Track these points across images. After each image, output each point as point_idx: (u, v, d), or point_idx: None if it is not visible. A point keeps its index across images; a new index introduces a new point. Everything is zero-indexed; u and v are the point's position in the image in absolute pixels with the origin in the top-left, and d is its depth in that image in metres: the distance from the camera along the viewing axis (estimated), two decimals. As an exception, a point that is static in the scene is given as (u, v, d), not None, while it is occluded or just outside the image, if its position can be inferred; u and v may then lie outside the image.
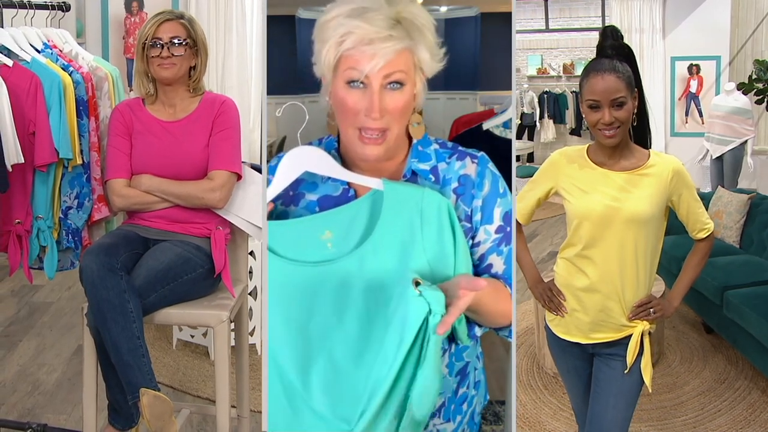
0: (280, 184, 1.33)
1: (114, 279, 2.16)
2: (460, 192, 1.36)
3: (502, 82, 1.98)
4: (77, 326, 4.08)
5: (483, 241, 1.36)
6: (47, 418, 3.15)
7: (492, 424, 2.30)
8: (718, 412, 3.33)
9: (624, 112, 1.93)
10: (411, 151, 1.37)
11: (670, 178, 1.99)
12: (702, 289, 3.96)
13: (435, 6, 2.28)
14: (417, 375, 1.22)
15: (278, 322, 1.29)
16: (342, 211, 1.32)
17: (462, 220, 1.34)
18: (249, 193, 2.48)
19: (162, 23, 2.39)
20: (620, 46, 2.00)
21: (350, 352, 1.27)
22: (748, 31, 7.74)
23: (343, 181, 1.36)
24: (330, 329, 1.28)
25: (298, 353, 1.29)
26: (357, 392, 1.27)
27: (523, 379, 3.69)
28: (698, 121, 8.51)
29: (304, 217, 1.32)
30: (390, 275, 1.26)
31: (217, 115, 2.45)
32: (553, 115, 10.48)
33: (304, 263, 1.29)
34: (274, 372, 1.32)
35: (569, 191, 2.05)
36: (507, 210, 1.36)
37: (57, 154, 2.50)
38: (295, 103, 1.96)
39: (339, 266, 1.28)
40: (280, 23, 2.18)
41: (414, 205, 1.29)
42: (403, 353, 1.21)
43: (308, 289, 1.28)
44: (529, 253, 2.27)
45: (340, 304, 1.28)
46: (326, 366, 1.29)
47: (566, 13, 10.52)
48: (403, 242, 1.28)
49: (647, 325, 2.04)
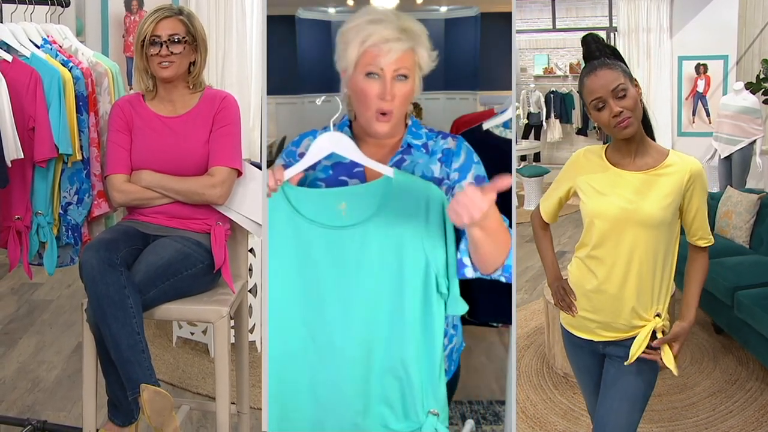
0: (311, 159, 1.66)
1: (114, 274, 2.14)
2: (443, 160, 1.74)
3: (502, 82, 2.05)
4: (77, 324, 4.08)
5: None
6: (47, 414, 3.14)
7: (492, 424, 2.28)
8: (729, 413, 3.30)
9: (629, 100, 1.90)
10: (406, 132, 1.77)
11: (687, 179, 1.95)
12: (712, 290, 3.93)
13: (435, 6, 2.29)
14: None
15: (287, 275, 1.62)
16: (357, 189, 1.65)
17: (445, 179, 1.72)
18: (249, 190, 2.46)
19: (161, 20, 2.36)
20: (605, 46, 2.01)
21: (356, 301, 1.61)
22: (756, 30, 7.70)
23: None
24: (338, 280, 1.61)
25: (308, 301, 1.62)
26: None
27: (533, 379, 3.66)
28: (705, 120, 8.47)
29: (326, 189, 1.66)
30: (397, 241, 1.61)
31: (218, 111, 2.42)
32: (560, 114, 10.44)
33: (322, 225, 1.61)
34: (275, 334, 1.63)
35: (585, 191, 2.04)
36: (479, 174, 1.73)
37: (57, 150, 2.48)
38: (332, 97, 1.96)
39: (353, 231, 1.61)
40: (280, 23, 2.16)
41: (422, 194, 1.63)
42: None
43: (321, 247, 1.61)
44: (553, 252, 2.26)
45: (348, 262, 1.61)
46: (334, 312, 1.61)
47: (573, 12, 10.49)
48: (409, 218, 1.61)
49: (659, 322, 2.01)
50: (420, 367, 1.63)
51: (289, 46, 2.24)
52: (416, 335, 1.62)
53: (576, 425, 3.18)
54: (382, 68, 1.62)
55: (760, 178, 7.11)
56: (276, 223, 1.62)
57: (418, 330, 1.62)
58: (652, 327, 2.00)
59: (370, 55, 1.62)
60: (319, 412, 1.64)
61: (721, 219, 4.67)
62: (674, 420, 3.23)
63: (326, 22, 2.20)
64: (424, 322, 1.62)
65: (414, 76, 1.67)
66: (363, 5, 1.79)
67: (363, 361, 1.62)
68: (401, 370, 1.62)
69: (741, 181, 6.22)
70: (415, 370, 1.62)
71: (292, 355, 1.63)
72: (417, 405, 1.64)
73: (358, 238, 1.60)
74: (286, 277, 1.62)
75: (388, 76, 1.63)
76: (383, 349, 1.62)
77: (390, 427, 1.64)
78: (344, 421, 1.63)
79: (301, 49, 2.26)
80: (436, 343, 1.64)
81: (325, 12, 2.22)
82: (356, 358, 1.62)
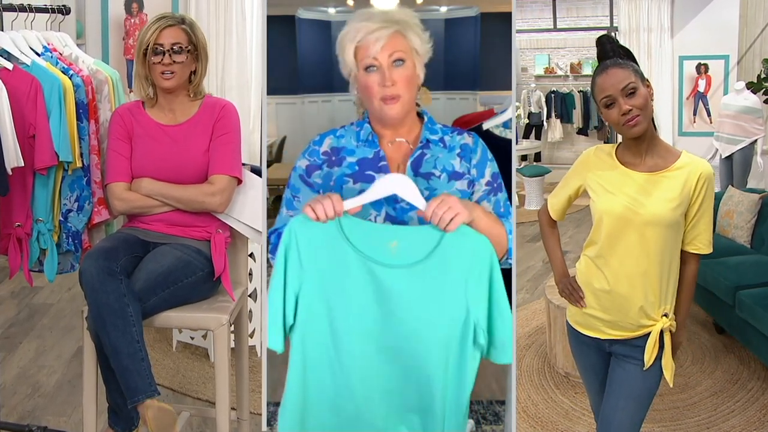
0: (372, 196, 1.64)
1: (113, 283, 2.14)
2: (462, 155, 1.79)
3: (502, 82, 2.05)
4: (77, 328, 4.07)
5: (477, 191, 1.79)
6: (47, 420, 3.14)
7: (492, 424, 2.28)
8: (731, 413, 3.30)
9: (639, 99, 1.91)
10: (423, 128, 1.80)
11: (696, 180, 1.95)
12: (714, 289, 3.92)
13: (435, 6, 2.29)
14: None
15: (321, 299, 1.59)
16: (411, 230, 1.63)
17: (466, 174, 1.77)
18: (249, 198, 2.47)
19: (164, 29, 2.37)
20: (619, 47, 2.03)
21: (386, 341, 1.60)
22: (757, 30, 7.68)
23: (376, 144, 1.77)
24: (374, 316, 1.59)
25: (336, 330, 1.60)
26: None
27: (535, 379, 3.66)
28: (706, 120, 8.46)
29: (380, 225, 1.69)
30: (440, 289, 1.60)
31: (218, 119, 2.43)
32: (561, 114, 10.42)
33: (369, 258, 1.59)
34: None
35: (595, 190, 2.05)
36: (494, 171, 1.80)
37: (57, 158, 2.49)
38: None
39: (400, 271, 1.59)
40: (280, 23, 2.16)
41: (470, 246, 1.61)
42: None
43: (364, 279, 1.59)
44: (560, 250, 2.27)
45: (388, 301, 1.59)
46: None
47: (574, 12, 10.46)
48: (455, 269, 1.60)
49: (667, 322, 2.01)
50: (447, 407, 1.64)
51: (289, 46, 2.25)
52: (450, 377, 1.62)
53: (577, 425, 3.18)
54: (376, 58, 1.68)
55: (761, 177, 7.11)
56: (321, 247, 1.59)
57: (452, 373, 1.62)
58: (660, 327, 2.00)
59: (363, 48, 1.70)
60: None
61: (722, 219, 4.66)
62: (676, 420, 3.23)
63: (326, 22, 2.21)
64: (459, 365, 1.62)
65: (411, 60, 1.72)
66: (363, 5, 1.83)
67: (392, 395, 1.62)
68: (427, 406, 1.63)
69: (742, 180, 6.22)
70: (440, 408, 1.63)
71: (319, 392, 1.62)
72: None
73: (404, 278, 1.59)
74: (318, 304, 1.60)
75: (385, 64, 1.69)
76: (415, 385, 1.62)
77: None
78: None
79: (301, 49, 2.27)
80: (464, 389, 1.64)
81: (325, 12, 2.22)
82: (384, 395, 1.62)
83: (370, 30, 1.70)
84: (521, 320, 4.45)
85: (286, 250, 1.58)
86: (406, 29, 1.72)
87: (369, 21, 1.71)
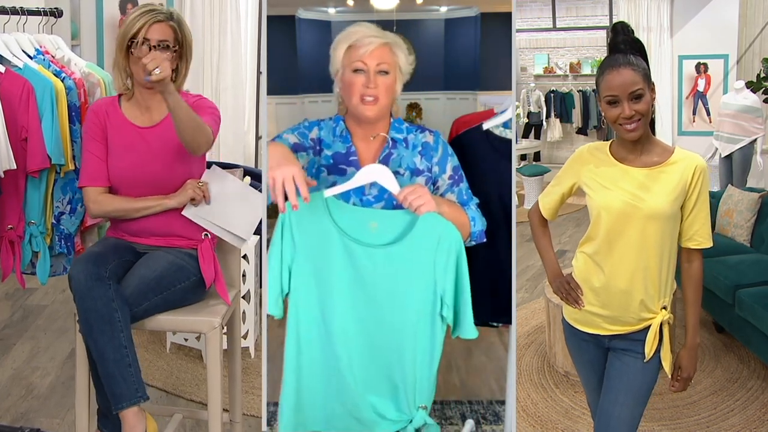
0: (354, 184, 1.83)
1: (101, 288, 2.11)
2: (423, 153, 1.96)
3: (502, 82, 2.08)
4: (71, 329, 4.05)
5: (441, 185, 1.98)
6: (41, 422, 3.13)
7: (492, 424, 2.27)
8: (731, 411, 3.29)
9: (643, 105, 1.91)
10: (390, 127, 1.97)
11: (691, 175, 1.95)
12: (713, 288, 3.91)
13: (435, 6, 2.30)
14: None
15: (309, 274, 1.80)
16: (389, 213, 1.85)
17: (425, 171, 1.96)
18: (238, 208, 2.37)
19: (153, 24, 2.26)
20: (632, 40, 1.99)
21: (368, 308, 1.81)
22: (756, 29, 7.68)
23: (348, 140, 1.94)
24: (355, 289, 1.80)
25: (323, 299, 1.81)
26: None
27: (534, 378, 3.65)
28: (706, 119, 8.45)
29: (361, 208, 1.87)
30: (413, 265, 1.81)
31: (193, 108, 2.24)
32: (560, 114, 10.41)
33: (352, 238, 1.80)
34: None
35: (591, 186, 2.04)
36: (455, 165, 1.99)
37: (49, 160, 2.48)
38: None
39: (379, 250, 1.81)
40: (280, 23, 2.15)
41: (437, 229, 1.82)
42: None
43: (346, 256, 1.79)
44: (552, 249, 2.25)
45: (368, 275, 1.80)
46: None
47: (573, 12, 10.44)
48: (425, 248, 1.82)
49: (666, 315, 2.01)
50: (418, 372, 1.85)
51: (289, 46, 2.24)
52: (419, 345, 1.84)
53: (577, 424, 3.17)
54: (365, 62, 1.85)
55: (760, 176, 7.10)
56: (311, 225, 1.80)
57: (422, 342, 1.84)
58: (660, 320, 2.00)
59: (355, 48, 1.87)
60: (328, 401, 1.85)
61: (722, 218, 4.65)
62: (676, 418, 3.22)
63: (326, 22, 2.21)
64: (428, 336, 1.84)
65: (394, 73, 1.90)
66: (363, 5, 1.94)
67: (369, 361, 1.83)
68: (399, 372, 1.84)
69: (742, 179, 6.21)
70: (410, 373, 1.84)
71: (310, 352, 1.83)
72: (410, 401, 1.86)
73: (381, 256, 1.80)
74: (307, 275, 1.81)
75: (372, 70, 1.86)
76: (389, 352, 1.83)
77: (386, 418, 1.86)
78: (345, 410, 1.86)
79: (301, 49, 2.26)
80: (434, 355, 1.86)
81: (325, 12, 2.22)
82: (363, 360, 1.83)
83: (365, 35, 1.87)
84: (521, 319, 4.43)
85: (282, 224, 1.78)
86: (396, 46, 1.90)
87: (364, 26, 1.89)
